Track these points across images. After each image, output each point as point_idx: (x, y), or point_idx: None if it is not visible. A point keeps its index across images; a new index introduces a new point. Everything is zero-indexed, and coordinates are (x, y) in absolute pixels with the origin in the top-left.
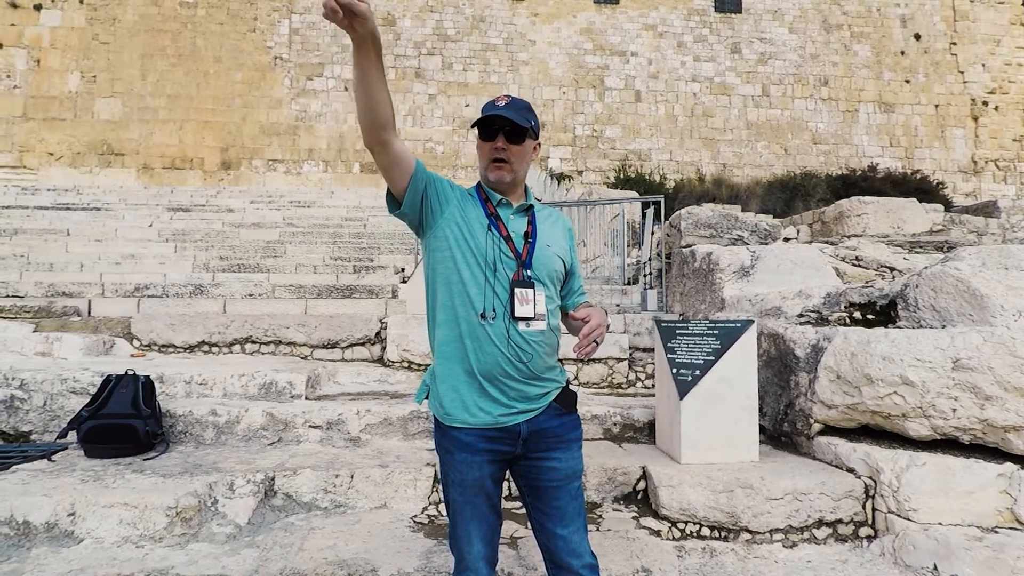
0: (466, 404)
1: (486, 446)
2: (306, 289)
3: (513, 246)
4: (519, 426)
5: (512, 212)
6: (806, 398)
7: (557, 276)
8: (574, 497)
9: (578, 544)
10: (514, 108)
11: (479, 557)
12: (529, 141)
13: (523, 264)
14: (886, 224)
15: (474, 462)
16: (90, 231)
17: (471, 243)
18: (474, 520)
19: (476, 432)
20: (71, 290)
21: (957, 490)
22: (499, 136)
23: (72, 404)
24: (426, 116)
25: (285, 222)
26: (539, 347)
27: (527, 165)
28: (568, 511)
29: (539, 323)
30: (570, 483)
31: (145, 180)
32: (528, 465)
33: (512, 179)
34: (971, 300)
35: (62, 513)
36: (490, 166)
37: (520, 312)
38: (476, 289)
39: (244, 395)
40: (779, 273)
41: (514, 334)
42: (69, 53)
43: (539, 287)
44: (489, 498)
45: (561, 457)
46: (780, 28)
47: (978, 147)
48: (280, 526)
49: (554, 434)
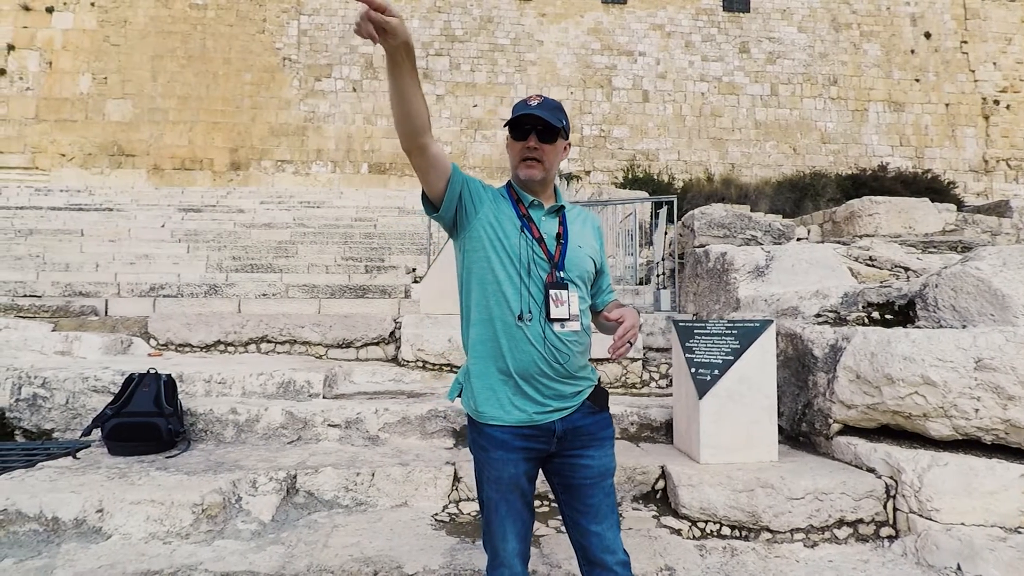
0: (501, 402)
1: (521, 444)
2: (319, 289)
3: (546, 248)
4: (554, 424)
5: (544, 213)
6: (825, 398)
7: (589, 276)
8: (607, 494)
9: (612, 541)
10: (546, 108)
11: (514, 554)
12: (560, 141)
13: (556, 266)
14: (898, 224)
15: (510, 459)
16: (104, 231)
17: (505, 244)
18: (509, 517)
19: (511, 430)
20: (87, 290)
21: (980, 490)
22: (531, 135)
23: (93, 402)
24: (434, 116)
25: (296, 222)
26: (574, 347)
27: (557, 164)
28: (602, 508)
29: (573, 324)
30: (603, 480)
31: (155, 181)
32: (562, 463)
33: (543, 177)
34: (992, 300)
35: (90, 510)
36: (521, 164)
37: (555, 314)
38: (512, 290)
39: (263, 394)
40: (794, 273)
41: (550, 335)
42: (81, 55)
43: (572, 288)
44: (524, 496)
45: (594, 455)
46: (789, 27)
47: (989, 146)
48: (304, 523)
49: (587, 432)
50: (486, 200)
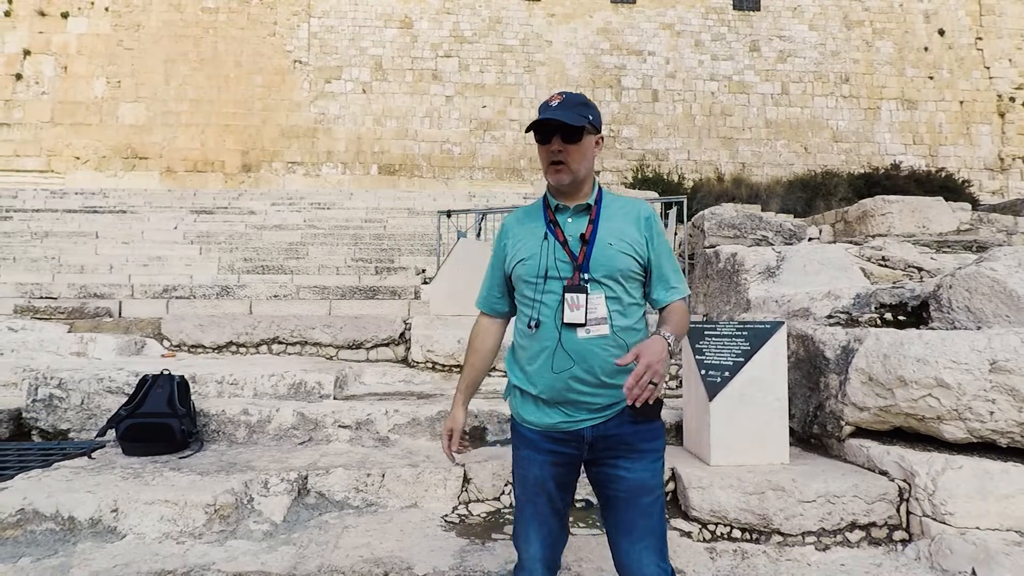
0: (528, 406)
1: (550, 447)
2: (329, 290)
3: (569, 250)
4: (583, 431)
5: (570, 214)
6: (836, 400)
7: (624, 274)
8: (643, 513)
9: (638, 561)
10: (567, 106)
11: (535, 559)
12: (588, 137)
13: (579, 267)
14: (911, 223)
15: (536, 460)
16: (117, 233)
17: (527, 260)
18: (534, 521)
19: (541, 432)
20: (102, 291)
21: (995, 494)
22: (554, 138)
23: (108, 403)
24: (443, 118)
25: (306, 224)
26: (604, 352)
27: (590, 162)
28: (636, 526)
29: (599, 328)
30: (639, 497)
31: (168, 183)
32: (598, 471)
33: (572, 180)
34: (1008, 301)
35: (105, 509)
36: (549, 169)
37: (569, 319)
38: (529, 299)
39: (274, 395)
40: (805, 274)
41: (567, 341)
42: (95, 59)
43: (596, 290)
44: (551, 501)
45: (630, 467)
46: (800, 25)
47: (1005, 144)
48: (315, 524)
49: (624, 441)
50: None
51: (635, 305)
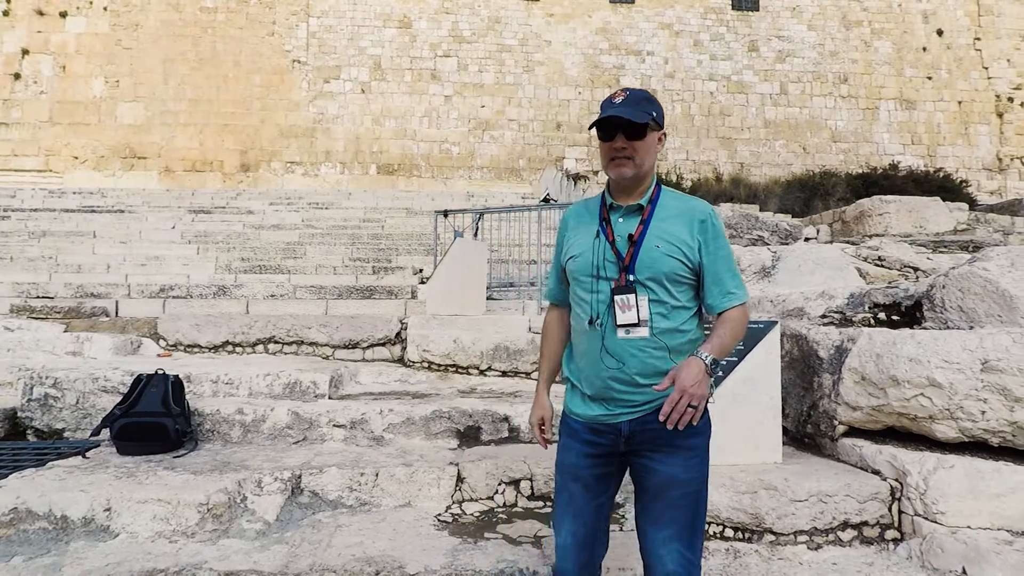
0: (576, 399)
1: (588, 437)
2: (326, 290)
3: (617, 250)
4: (621, 424)
5: (621, 214)
6: (830, 399)
7: (670, 277)
8: (671, 505)
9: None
10: (631, 103)
11: (563, 546)
12: (652, 133)
13: (625, 269)
14: (908, 223)
15: (573, 447)
16: (115, 233)
17: (580, 256)
18: (567, 508)
19: (583, 423)
20: (99, 291)
21: (986, 493)
22: (618, 135)
23: (103, 402)
24: (442, 117)
25: (304, 223)
26: (641, 353)
27: (652, 158)
28: (663, 515)
29: (640, 330)
30: (668, 489)
31: (167, 183)
32: (635, 463)
33: (635, 173)
34: (1000, 301)
35: (98, 508)
36: (610, 164)
37: (622, 319)
38: (585, 296)
39: (269, 394)
40: (801, 273)
41: (610, 342)
42: (94, 59)
43: (642, 292)
44: (586, 489)
45: (664, 460)
46: (798, 25)
47: (1003, 144)
48: (307, 523)
49: (661, 436)
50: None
51: (682, 308)
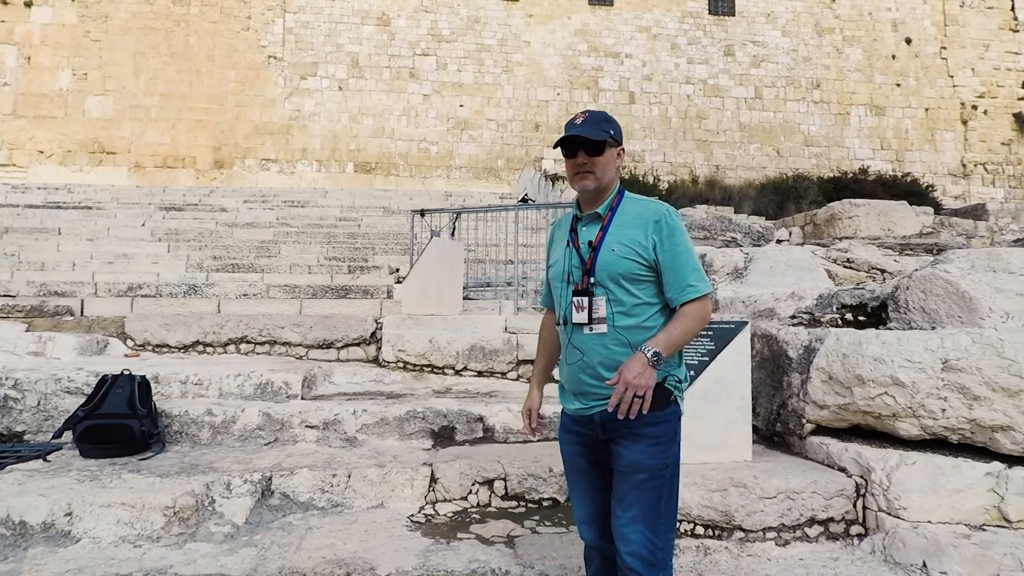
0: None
1: (574, 428)
2: (301, 289)
3: (580, 256)
4: (594, 415)
5: (584, 223)
6: (799, 399)
7: (627, 276)
8: (635, 487)
9: (626, 529)
10: (591, 123)
11: (580, 520)
12: (610, 150)
13: (587, 272)
14: (877, 226)
15: (567, 439)
16: (82, 230)
17: (554, 265)
18: (575, 489)
19: (570, 416)
20: (63, 289)
21: (946, 488)
22: (580, 152)
23: (67, 404)
24: (420, 116)
25: (279, 222)
26: (602, 348)
27: (612, 171)
28: (627, 498)
29: (599, 327)
30: (634, 473)
31: (137, 179)
32: (611, 448)
33: (596, 186)
34: (960, 302)
35: (59, 513)
36: (574, 178)
37: (576, 319)
38: (557, 299)
39: (240, 395)
40: (772, 275)
41: (575, 338)
42: (60, 50)
43: (600, 292)
44: (584, 475)
45: (630, 447)
46: (773, 31)
47: (967, 150)
48: (278, 525)
49: (625, 424)
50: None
51: (644, 305)
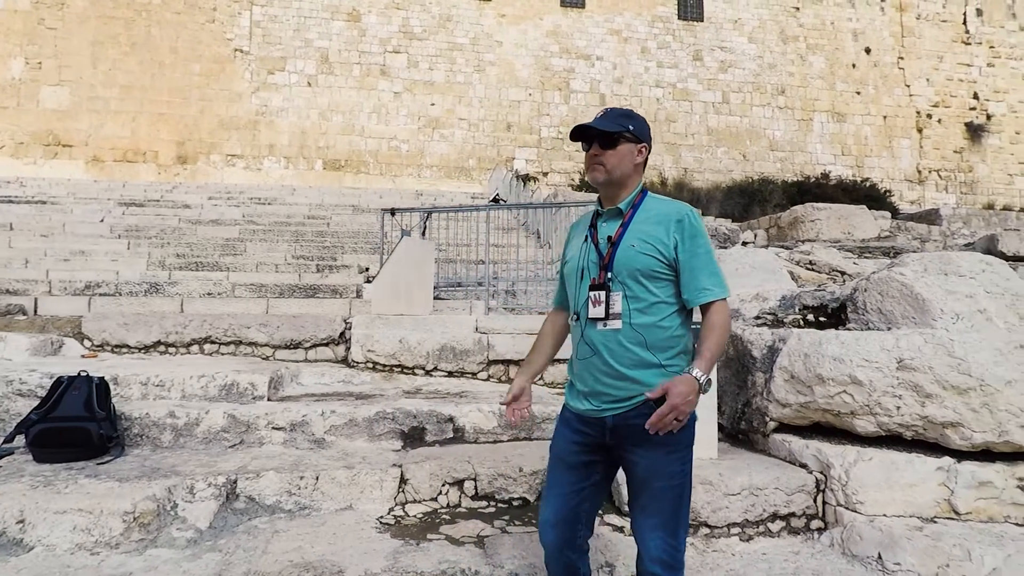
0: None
1: (578, 426)
2: (268, 288)
3: (599, 251)
4: (606, 418)
5: (604, 218)
6: (762, 397)
7: (645, 273)
8: (654, 496)
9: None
10: (609, 117)
11: (545, 521)
12: (626, 144)
13: (605, 267)
14: (838, 230)
15: (563, 435)
16: (35, 225)
17: (570, 261)
18: (552, 489)
19: (575, 414)
20: (15, 287)
21: (900, 483)
22: (594, 144)
23: (19, 407)
24: (391, 114)
25: (245, 219)
26: (616, 344)
27: (628, 166)
28: (649, 506)
29: (614, 322)
30: (651, 481)
31: (95, 173)
32: (619, 455)
33: (606, 179)
34: (914, 304)
35: (10, 520)
36: (588, 170)
37: (592, 314)
38: (571, 295)
39: (204, 396)
40: (738, 276)
41: (588, 334)
42: (12, 38)
43: (616, 288)
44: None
45: (644, 455)
46: (740, 37)
47: (923, 157)
48: (243, 529)
49: (640, 432)
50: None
51: (661, 304)
